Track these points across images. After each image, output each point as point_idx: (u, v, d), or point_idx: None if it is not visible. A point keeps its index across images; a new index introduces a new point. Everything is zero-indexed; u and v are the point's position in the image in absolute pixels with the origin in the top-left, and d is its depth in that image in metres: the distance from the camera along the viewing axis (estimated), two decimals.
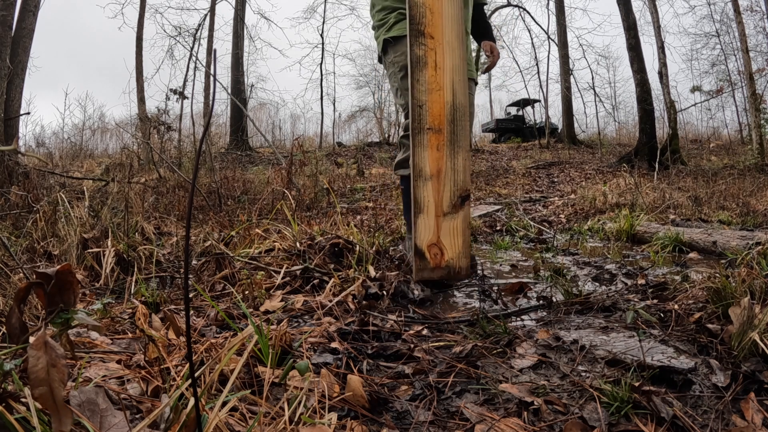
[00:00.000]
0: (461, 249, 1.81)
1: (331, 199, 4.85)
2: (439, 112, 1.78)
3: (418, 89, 1.76)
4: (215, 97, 0.64)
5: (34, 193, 3.13)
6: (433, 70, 1.76)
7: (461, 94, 1.80)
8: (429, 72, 1.76)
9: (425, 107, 1.77)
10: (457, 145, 1.80)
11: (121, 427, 0.69)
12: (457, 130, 1.80)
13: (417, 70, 1.75)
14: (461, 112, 1.81)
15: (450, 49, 1.77)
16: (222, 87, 12.60)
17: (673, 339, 1.23)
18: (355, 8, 17.63)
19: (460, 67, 1.79)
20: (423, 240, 1.78)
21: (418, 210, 1.79)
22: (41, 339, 0.62)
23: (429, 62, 1.75)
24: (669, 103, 9.27)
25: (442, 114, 1.78)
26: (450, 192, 1.79)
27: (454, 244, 1.80)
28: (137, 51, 11.34)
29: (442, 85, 1.77)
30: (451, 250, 1.79)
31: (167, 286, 2.02)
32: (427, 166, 1.77)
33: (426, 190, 1.77)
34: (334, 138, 18.30)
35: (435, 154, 1.78)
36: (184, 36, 14.43)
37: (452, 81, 1.78)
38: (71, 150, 12.65)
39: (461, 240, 1.80)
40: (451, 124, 1.79)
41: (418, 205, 1.79)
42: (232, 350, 0.89)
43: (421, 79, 1.76)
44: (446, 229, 1.79)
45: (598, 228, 3.65)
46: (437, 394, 0.99)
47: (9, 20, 5.48)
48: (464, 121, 1.81)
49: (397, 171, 2.20)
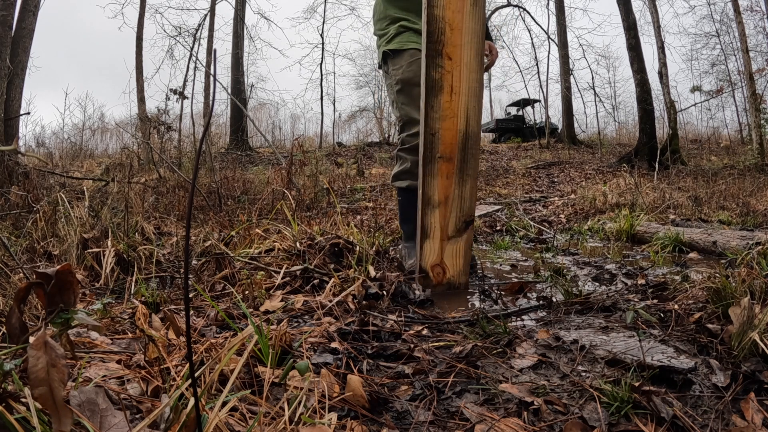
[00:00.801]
0: (461, 268, 1.85)
1: (331, 199, 4.85)
2: (452, 141, 1.70)
3: (431, 116, 1.66)
4: (215, 97, 0.64)
5: (34, 193, 3.13)
6: (449, 96, 1.65)
7: (475, 120, 1.71)
8: (444, 98, 1.65)
9: (438, 135, 1.68)
10: (466, 173, 1.75)
11: (121, 427, 0.69)
12: (467, 158, 1.74)
13: (431, 95, 1.64)
14: (473, 140, 1.73)
15: (468, 70, 1.64)
16: (222, 87, 12.61)
17: (673, 339, 1.23)
18: (355, 8, 17.66)
19: (476, 90, 1.68)
20: (427, 262, 1.82)
21: (424, 236, 1.79)
22: (41, 339, 0.62)
23: (445, 86, 1.64)
24: (669, 103, 9.27)
25: (454, 142, 1.70)
26: (456, 218, 1.78)
27: (456, 264, 1.84)
28: (137, 51, 11.35)
29: (456, 111, 1.67)
30: (453, 269, 1.84)
31: (167, 286, 2.02)
32: (435, 194, 1.74)
33: (433, 217, 1.77)
34: (334, 138, 18.31)
35: (444, 182, 1.74)
36: (184, 36, 14.44)
37: (467, 107, 1.68)
38: (71, 150, 12.66)
39: (462, 261, 1.84)
40: (462, 152, 1.72)
41: (424, 231, 1.78)
42: (232, 350, 0.89)
43: (436, 106, 1.65)
44: (449, 251, 1.82)
45: (598, 228, 3.65)
46: (437, 394, 0.99)
47: (9, 20, 5.48)
48: (475, 148, 1.75)
49: (394, 183, 2.20)
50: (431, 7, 1.56)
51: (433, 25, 1.59)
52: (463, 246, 1.82)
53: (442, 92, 1.64)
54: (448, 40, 1.60)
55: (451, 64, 1.62)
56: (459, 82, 1.65)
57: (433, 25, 1.59)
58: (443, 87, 1.64)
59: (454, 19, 1.59)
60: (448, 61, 1.61)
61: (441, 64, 1.61)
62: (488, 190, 7.59)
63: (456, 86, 1.65)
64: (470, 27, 1.60)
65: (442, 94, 1.64)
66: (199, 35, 14.58)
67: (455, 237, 1.80)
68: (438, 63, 1.61)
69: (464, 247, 1.83)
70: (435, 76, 1.62)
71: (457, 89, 1.65)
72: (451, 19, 1.59)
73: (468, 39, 1.62)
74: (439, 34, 1.59)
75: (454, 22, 1.59)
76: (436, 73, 1.62)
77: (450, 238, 1.79)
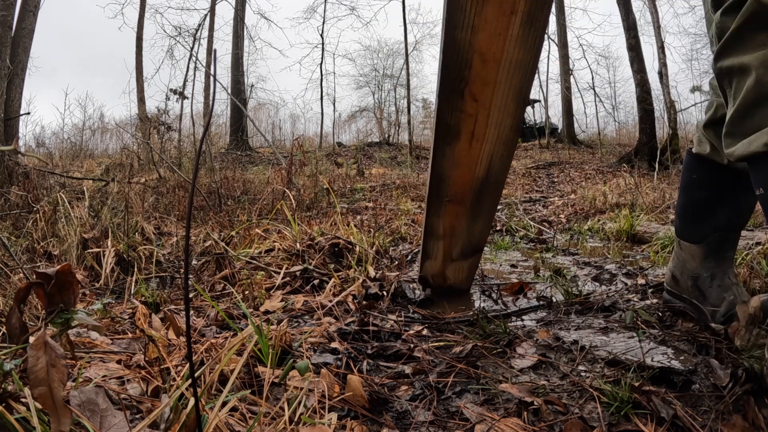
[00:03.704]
0: (464, 278, 1.80)
1: (331, 199, 4.85)
2: (465, 186, 1.39)
3: (440, 162, 1.32)
4: (215, 97, 0.64)
5: (34, 193, 3.13)
6: (467, 143, 1.25)
7: (500, 168, 1.35)
8: (461, 145, 1.25)
9: (448, 181, 1.37)
10: (479, 213, 1.50)
11: (121, 427, 0.69)
12: (483, 201, 1.45)
13: (443, 142, 1.26)
14: (494, 186, 1.40)
15: (501, 114, 1.19)
16: (222, 87, 12.61)
17: (673, 339, 1.23)
18: (355, 8, 17.64)
19: (508, 138, 1.26)
20: (428, 272, 1.76)
21: (425, 257, 1.66)
22: (41, 339, 0.62)
23: (463, 133, 1.23)
24: (669, 103, 9.27)
25: (468, 188, 1.40)
26: (462, 246, 1.61)
27: (458, 276, 1.77)
28: (137, 51, 11.35)
29: (477, 159, 1.30)
30: (454, 278, 1.78)
31: (167, 286, 2.02)
32: (440, 229, 1.55)
33: (437, 245, 1.61)
34: (334, 138, 18.31)
35: (451, 221, 1.51)
36: (184, 36, 14.45)
37: (492, 155, 1.29)
38: (71, 150, 12.66)
39: (465, 274, 1.77)
40: (477, 195, 1.42)
41: (426, 253, 1.65)
42: (232, 350, 0.89)
43: (448, 154, 1.28)
44: (452, 268, 1.74)
45: (598, 228, 3.65)
46: (437, 394, 0.99)
47: (9, 20, 5.48)
48: (496, 192, 1.43)
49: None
50: (452, 28, 1.02)
51: (453, 53, 1.07)
52: (468, 265, 1.73)
53: (459, 140, 1.24)
54: (476, 76, 1.10)
55: (475, 106, 1.16)
56: (485, 128, 1.21)
57: (454, 53, 1.07)
58: (460, 134, 1.23)
59: (490, 47, 1.05)
60: (471, 103, 1.15)
61: (461, 107, 1.16)
62: None
63: (479, 132, 1.23)
64: (515, 58, 1.07)
65: (458, 141, 1.24)
66: (199, 35, 14.59)
67: (459, 260, 1.69)
68: (456, 105, 1.16)
69: (469, 266, 1.74)
70: (449, 121, 1.20)
71: (480, 136, 1.23)
72: (485, 46, 1.04)
73: (509, 74, 1.10)
74: (462, 67, 1.08)
75: (488, 51, 1.05)
76: (451, 117, 1.19)
77: (453, 260, 1.68)
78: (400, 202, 5.62)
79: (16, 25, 5.93)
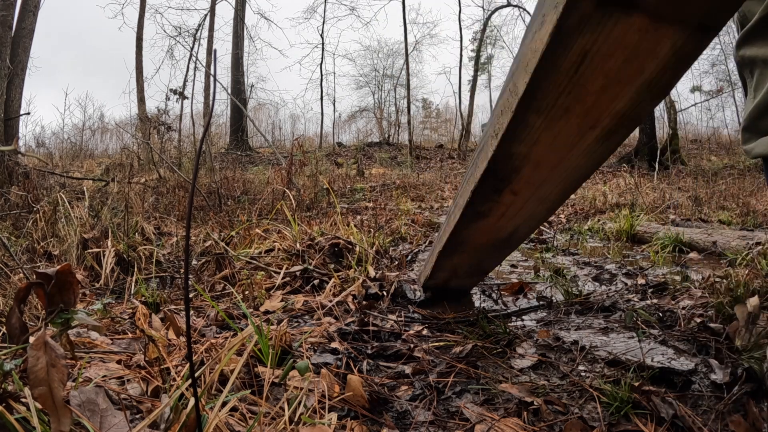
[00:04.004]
0: (466, 284, 1.79)
1: (331, 199, 4.85)
2: (484, 245, 1.36)
3: (462, 231, 1.26)
4: (215, 97, 0.64)
5: (34, 194, 3.13)
6: (495, 219, 1.19)
7: (525, 233, 1.32)
8: (489, 221, 1.20)
9: (467, 242, 1.34)
10: (494, 257, 1.49)
11: (121, 427, 0.69)
12: (497, 251, 1.42)
13: (469, 220, 1.20)
14: (516, 242, 1.37)
15: (538, 202, 1.12)
16: (222, 87, 12.60)
17: (673, 339, 1.23)
18: (355, 8, 17.65)
19: (539, 216, 1.21)
20: (428, 284, 1.73)
21: (429, 276, 1.64)
22: (41, 339, 0.62)
23: (492, 216, 1.17)
24: (669, 103, 9.27)
25: (487, 245, 1.37)
26: (470, 268, 1.59)
27: (460, 283, 1.76)
28: (137, 51, 11.35)
29: (502, 229, 1.26)
30: (455, 285, 1.76)
31: (167, 286, 2.02)
32: (449, 264, 1.54)
33: (442, 272, 1.59)
34: (334, 138, 18.31)
35: (462, 260, 1.49)
36: (184, 36, 14.45)
37: (517, 227, 1.25)
38: (71, 150, 12.66)
39: (469, 282, 1.78)
40: (495, 248, 1.39)
41: (430, 274, 1.62)
42: (232, 350, 0.89)
43: (472, 227, 1.24)
44: (455, 281, 1.72)
45: (598, 228, 3.65)
46: (437, 394, 0.99)
47: (9, 20, 5.48)
48: (516, 245, 1.41)
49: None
50: (509, 141, 0.89)
51: (503, 162, 0.96)
52: (471, 281, 1.75)
53: (487, 219, 1.19)
54: (523, 178, 1.01)
55: (512, 198, 1.09)
56: (518, 211, 1.15)
57: (504, 162, 0.96)
58: (490, 216, 1.17)
59: (549, 157, 0.94)
60: (509, 196, 1.07)
61: (496, 199, 1.09)
62: None
63: (510, 213, 1.16)
64: (575, 164, 0.96)
65: (485, 219, 1.19)
66: (199, 35, 14.60)
67: (465, 278, 1.69)
68: (491, 198, 1.09)
69: (471, 281, 1.76)
70: (480, 209, 1.14)
71: (510, 215, 1.17)
72: (543, 156, 0.94)
73: (561, 175, 1.00)
74: (509, 172, 0.99)
75: (545, 160, 0.95)
76: (483, 206, 1.13)
77: (459, 277, 1.67)
78: (400, 202, 5.63)
79: (16, 25, 5.93)
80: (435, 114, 23.91)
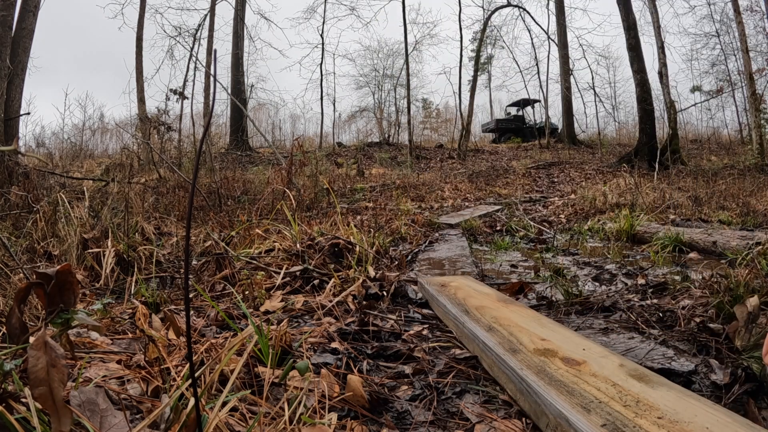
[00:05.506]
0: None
1: (331, 199, 4.85)
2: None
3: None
4: (215, 97, 0.64)
5: (34, 194, 3.12)
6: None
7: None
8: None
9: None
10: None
11: (121, 427, 0.69)
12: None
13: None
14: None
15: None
16: (222, 87, 12.59)
17: (673, 339, 1.23)
18: (355, 8, 17.57)
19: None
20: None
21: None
22: (41, 339, 0.62)
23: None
24: (669, 103, 9.27)
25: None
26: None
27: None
28: (137, 51, 11.35)
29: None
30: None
31: (167, 286, 2.02)
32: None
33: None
34: (334, 138, 18.30)
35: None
36: (184, 36, 14.44)
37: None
38: (71, 150, 12.66)
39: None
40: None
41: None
42: (232, 350, 0.89)
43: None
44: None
45: (598, 228, 3.65)
46: (437, 394, 0.99)
47: (9, 20, 5.49)
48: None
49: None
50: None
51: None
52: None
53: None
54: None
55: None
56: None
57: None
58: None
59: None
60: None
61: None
62: (488, 190, 7.59)
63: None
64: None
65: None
66: (199, 35, 14.58)
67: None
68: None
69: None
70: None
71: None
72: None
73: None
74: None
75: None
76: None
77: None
78: (400, 202, 5.62)
79: (16, 25, 5.92)
80: (435, 114, 23.93)
